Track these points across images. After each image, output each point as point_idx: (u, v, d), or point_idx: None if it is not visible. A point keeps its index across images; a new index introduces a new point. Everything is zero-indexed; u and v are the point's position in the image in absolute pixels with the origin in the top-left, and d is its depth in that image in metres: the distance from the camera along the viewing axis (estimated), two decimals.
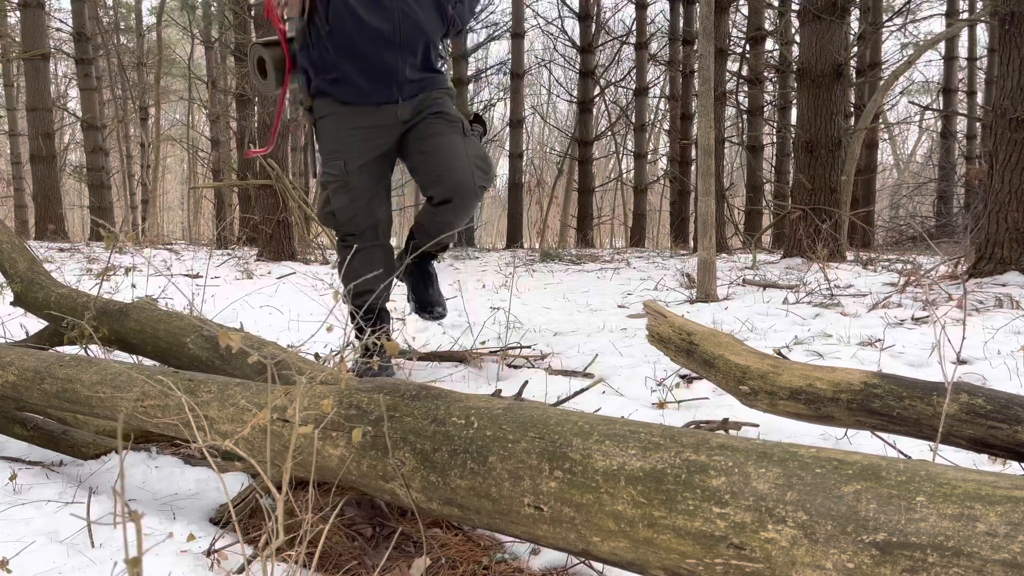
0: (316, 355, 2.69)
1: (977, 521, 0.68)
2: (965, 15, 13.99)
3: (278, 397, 1.16)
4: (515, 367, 2.79)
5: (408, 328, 3.39)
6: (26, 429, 1.79)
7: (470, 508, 0.99)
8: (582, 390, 2.20)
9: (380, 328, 2.51)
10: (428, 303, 2.68)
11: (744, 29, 14.10)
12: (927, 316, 3.73)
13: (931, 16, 15.18)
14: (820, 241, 7.18)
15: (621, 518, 0.85)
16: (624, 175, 19.53)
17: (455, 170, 2.37)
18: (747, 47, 13.71)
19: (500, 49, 43.11)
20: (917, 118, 23.00)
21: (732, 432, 2.06)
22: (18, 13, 13.30)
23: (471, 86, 16.59)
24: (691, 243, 13.97)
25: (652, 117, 20.17)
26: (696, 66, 8.21)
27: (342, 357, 1.29)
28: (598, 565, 1.24)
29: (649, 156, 18.82)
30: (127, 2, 18.52)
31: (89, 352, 2.06)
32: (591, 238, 15.59)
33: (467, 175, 2.37)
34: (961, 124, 16.06)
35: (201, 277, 6.06)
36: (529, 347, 3.00)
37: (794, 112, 11.86)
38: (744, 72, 13.97)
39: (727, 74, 13.85)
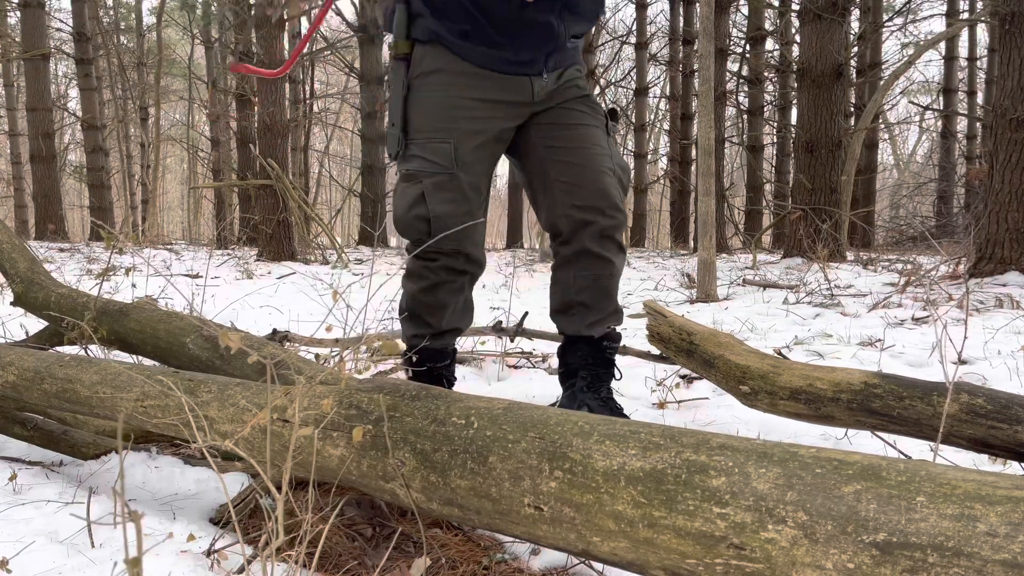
0: (316, 355, 2.69)
1: (977, 521, 0.68)
2: (965, 15, 13.99)
3: (278, 397, 1.16)
4: (515, 367, 2.79)
5: None
6: (26, 429, 1.79)
7: (470, 508, 0.99)
8: None
9: (447, 369, 1.90)
10: None
11: (744, 29, 14.10)
12: (927, 316, 3.73)
13: (931, 16, 15.19)
14: (820, 241, 7.18)
15: (621, 518, 0.85)
16: None
17: (600, 177, 1.73)
18: (747, 47, 13.72)
19: None
20: (917, 118, 23.01)
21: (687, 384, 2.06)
22: (18, 13, 13.30)
23: None
24: (691, 243, 13.97)
25: (652, 117, 20.18)
26: (696, 66, 8.21)
27: (342, 357, 1.29)
28: (598, 565, 1.24)
29: (649, 156, 18.82)
30: (127, 2, 18.53)
31: (89, 352, 2.06)
32: None
33: (612, 189, 1.75)
34: (961, 124, 16.07)
35: (201, 277, 6.07)
36: (531, 350, 3.00)
37: (794, 112, 11.86)
38: (744, 72, 13.97)
39: (727, 74, 13.86)
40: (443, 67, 1.70)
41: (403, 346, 1.88)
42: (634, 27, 16.15)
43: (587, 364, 1.79)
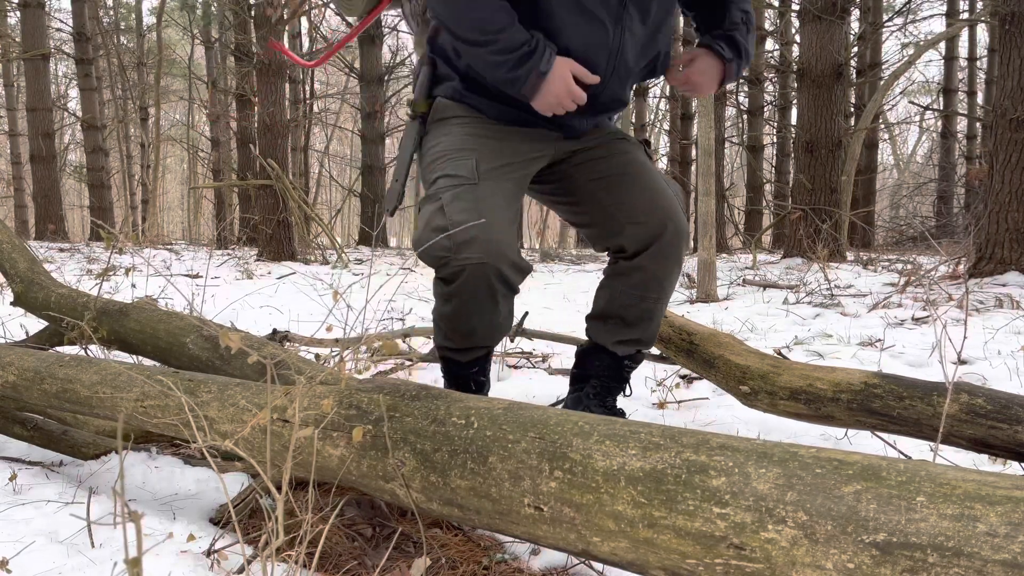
0: (316, 355, 2.69)
1: (977, 521, 0.68)
2: (965, 15, 13.99)
3: (278, 397, 1.16)
4: (515, 367, 2.79)
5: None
6: (26, 429, 1.79)
7: (470, 508, 0.99)
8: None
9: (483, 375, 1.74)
10: None
11: None
12: (927, 316, 3.73)
13: (931, 16, 15.19)
14: (820, 241, 7.18)
15: (621, 518, 0.85)
16: None
17: (662, 196, 1.63)
18: None
19: None
20: (917, 118, 23.02)
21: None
22: (18, 13, 13.31)
23: None
24: (691, 243, 13.97)
25: (652, 117, 20.17)
26: None
27: (342, 357, 1.29)
28: (598, 565, 1.24)
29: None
30: (127, 2, 18.54)
31: (89, 352, 2.06)
32: None
33: (676, 203, 1.65)
34: (961, 124, 16.07)
35: (201, 277, 6.07)
36: (531, 350, 3.00)
37: (794, 112, 11.87)
38: (744, 72, 13.96)
39: None
40: (462, 115, 1.60)
41: (403, 346, 1.86)
42: None
43: (602, 375, 1.74)
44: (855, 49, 13.32)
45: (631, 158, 1.66)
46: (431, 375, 2.64)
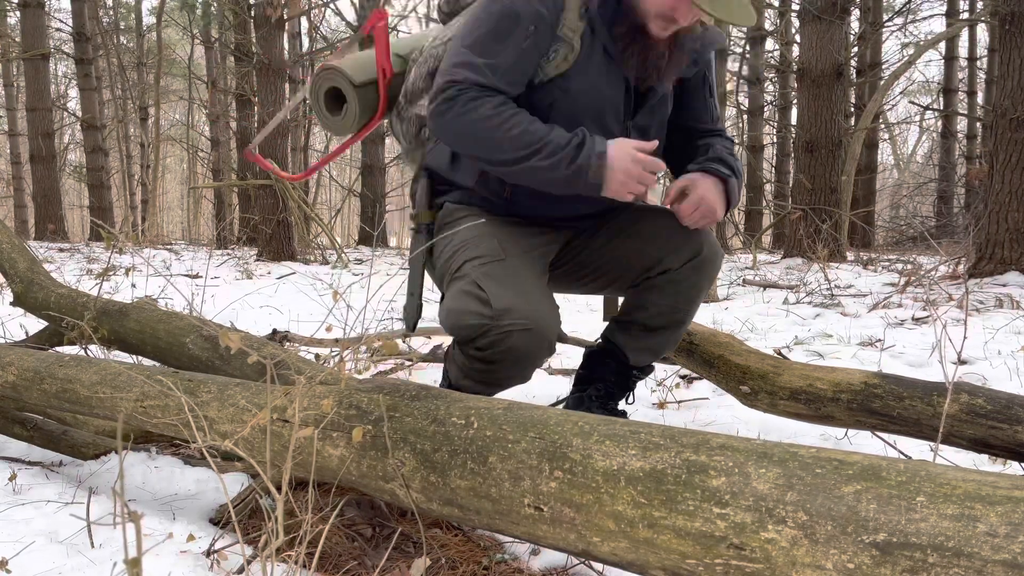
0: (316, 355, 2.69)
1: (977, 521, 0.68)
2: (965, 15, 13.99)
3: (278, 397, 1.16)
4: None
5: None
6: (26, 429, 1.79)
7: (470, 508, 0.99)
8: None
9: None
10: None
11: (744, 29, 14.09)
12: (927, 316, 3.73)
13: (931, 16, 15.18)
14: (820, 241, 7.18)
15: (621, 518, 0.85)
16: None
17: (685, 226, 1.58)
18: (747, 47, 13.72)
19: None
20: (917, 118, 23.01)
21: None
22: (18, 13, 13.30)
23: None
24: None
25: None
26: None
27: (342, 357, 1.29)
28: (598, 565, 1.24)
29: None
30: (127, 2, 18.53)
31: (89, 352, 2.06)
32: None
33: (705, 230, 1.61)
34: (961, 124, 16.06)
35: (201, 277, 6.07)
36: None
37: (794, 112, 11.87)
38: (744, 72, 13.97)
39: (727, 74, 13.86)
40: (475, 214, 1.54)
41: (403, 346, 1.84)
42: None
43: (608, 380, 1.71)
44: (855, 49, 13.32)
45: (651, 212, 1.64)
46: (431, 375, 2.64)
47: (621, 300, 1.77)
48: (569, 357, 2.87)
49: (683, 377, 2.57)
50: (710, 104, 1.66)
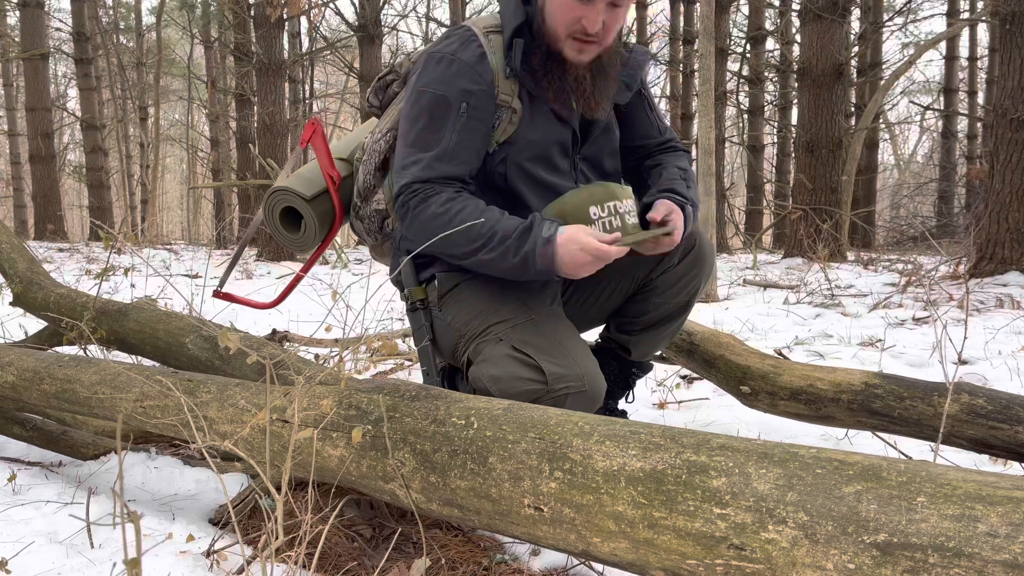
0: (316, 355, 2.69)
1: (978, 522, 0.68)
2: (966, 15, 13.99)
3: (277, 398, 1.16)
4: None
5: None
6: (25, 429, 1.78)
7: (470, 509, 0.99)
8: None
9: None
10: None
11: (744, 29, 14.11)
12: (928, 316, 3.72)
13: (932, 16, 15.16)
14: (821, 241, 7.18)
15: (621, 519, 0.85)
16: None
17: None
18: (747, 47, 13.72)
19: None
20: (918, 118, 23.02)
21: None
22: (18, 13, 13.31)
23: None
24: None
25: None
26: (696, 66, 8.22)
27: (341, 357, 1.29)
28: (598, 566, 1.24)
29: None
30: (127, 2, 18.52)
31: (88, 352, 2.06)
32: None
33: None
34: (962, 124, 16.05)
35: (200, 277, 6.06)
36: None
37: (795, 112, 11.87)
38: (744, 72, 13.97)
39: (727, 74, 13.86)
40: (473, 276, 1.49)
41: (403, 346, 1.84)
42: (634, 27, 16.14)
43: (607, 379, 1.68)
44: (855, 49, 13.32)
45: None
46: None
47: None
48: None
49: (683, 377, 2.57)
50: (653, 118, 1.66)
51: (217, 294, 1.77)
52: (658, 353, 1.78)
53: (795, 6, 11.43)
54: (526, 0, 1.47)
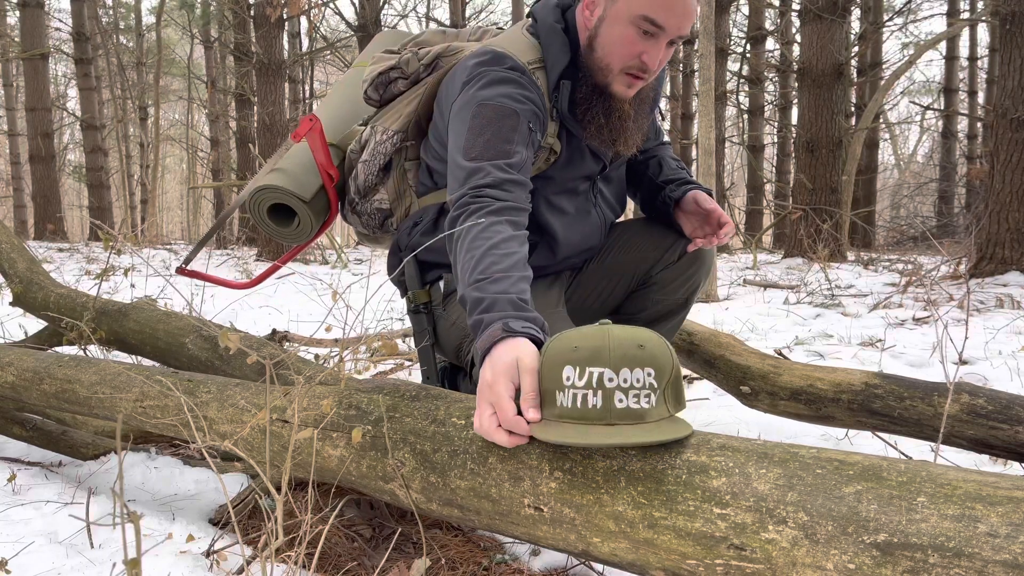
0: (316, 355, 2.69)
1: (978, 522, 0.68)
2: (966, 15, 13.98)
3: (277, 398, 1.16)
4: None
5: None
6: (25, 430, 1.78)
7: (470, 509, 0.99)
8: None
9: None
10: None
11: (744, 28, 14.11)
12: (928, 316, 3.72)
13: (932, 16, 15.17)
14: (821, 241, 7.18)
15: (621, 519, 0.85)
16: None
17: (670, 228, 1.66)
18: (748, 47, 13.72)
19: None
20: (918, 118, 23.01)
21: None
22: (18, 13, 13.30)
23: None
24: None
25: None
26: (696, 66, 8.21)
27: (341, 357, 1.29)
28: (598, 566, 1.24)
29: None
30: (127, 2, 18.52)
31: (88, 352, 2.06)
32: None
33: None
34: (962, 124, 16.06)
35: None
36: None
37: (795, 112, 11.87)
38: (744, 72, 13.97)
39: (728, 74, 13.86)
40: None
41: (403, 346, 1.83)
42: None
43: None
44: (855, 49, 13.32)
45: (621, 222, 1.68)
46: None
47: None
48: None
49: (683, 377, 2.57)
50: (655, 122, 1.69)
51: (181, 271, 1.72)
52: None
53: (795, 6, 11.43)
54: (565, 28, 1.41)
